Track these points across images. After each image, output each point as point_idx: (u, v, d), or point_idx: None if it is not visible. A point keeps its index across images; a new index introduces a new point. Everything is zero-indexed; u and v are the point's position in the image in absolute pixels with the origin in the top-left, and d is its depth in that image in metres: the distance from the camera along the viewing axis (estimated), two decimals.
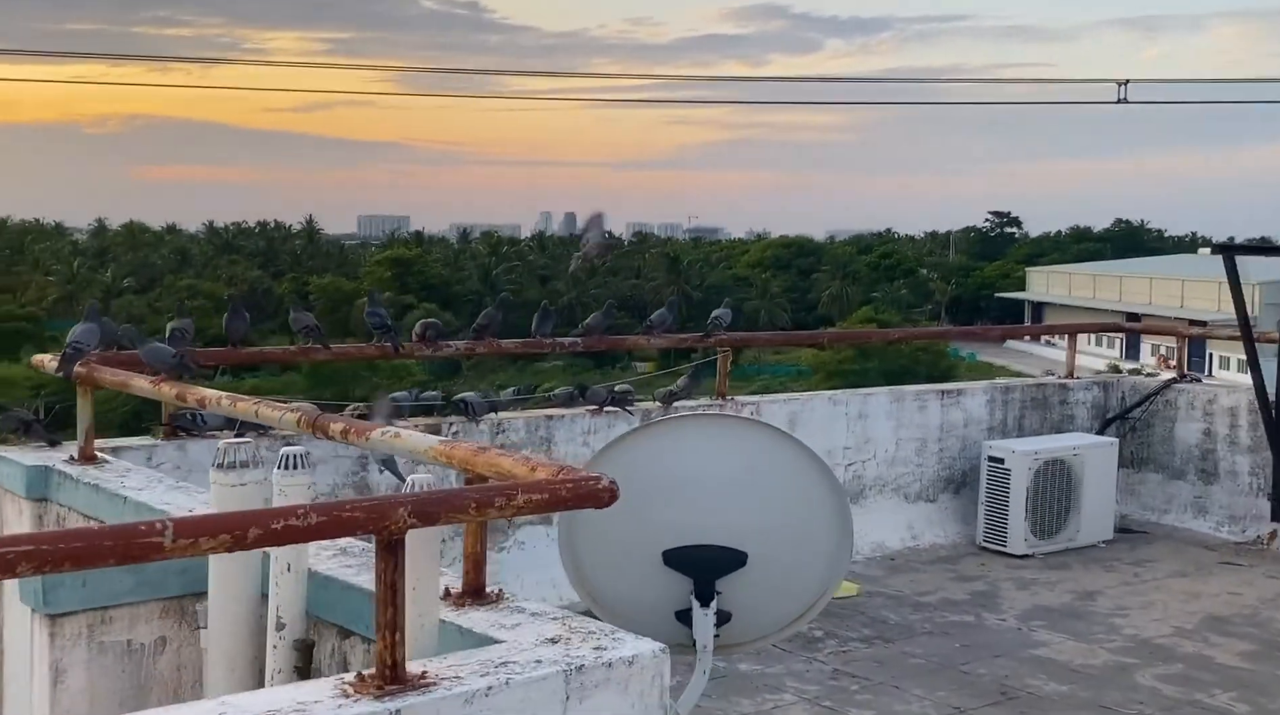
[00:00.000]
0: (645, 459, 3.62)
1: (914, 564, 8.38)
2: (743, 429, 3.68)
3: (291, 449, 3.69)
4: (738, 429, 3.69)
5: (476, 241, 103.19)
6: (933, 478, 8.93)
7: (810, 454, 3.68)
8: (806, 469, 3.63)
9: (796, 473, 3.67)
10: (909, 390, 8.99)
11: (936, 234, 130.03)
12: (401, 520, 2.81)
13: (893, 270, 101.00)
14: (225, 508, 3.81)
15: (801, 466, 3.64)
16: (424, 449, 3.68)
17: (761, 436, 3.67)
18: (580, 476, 3.17)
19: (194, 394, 4.71)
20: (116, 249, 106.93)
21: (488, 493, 2.98)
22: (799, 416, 8.30)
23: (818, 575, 3.73)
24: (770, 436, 3.65)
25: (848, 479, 8.52)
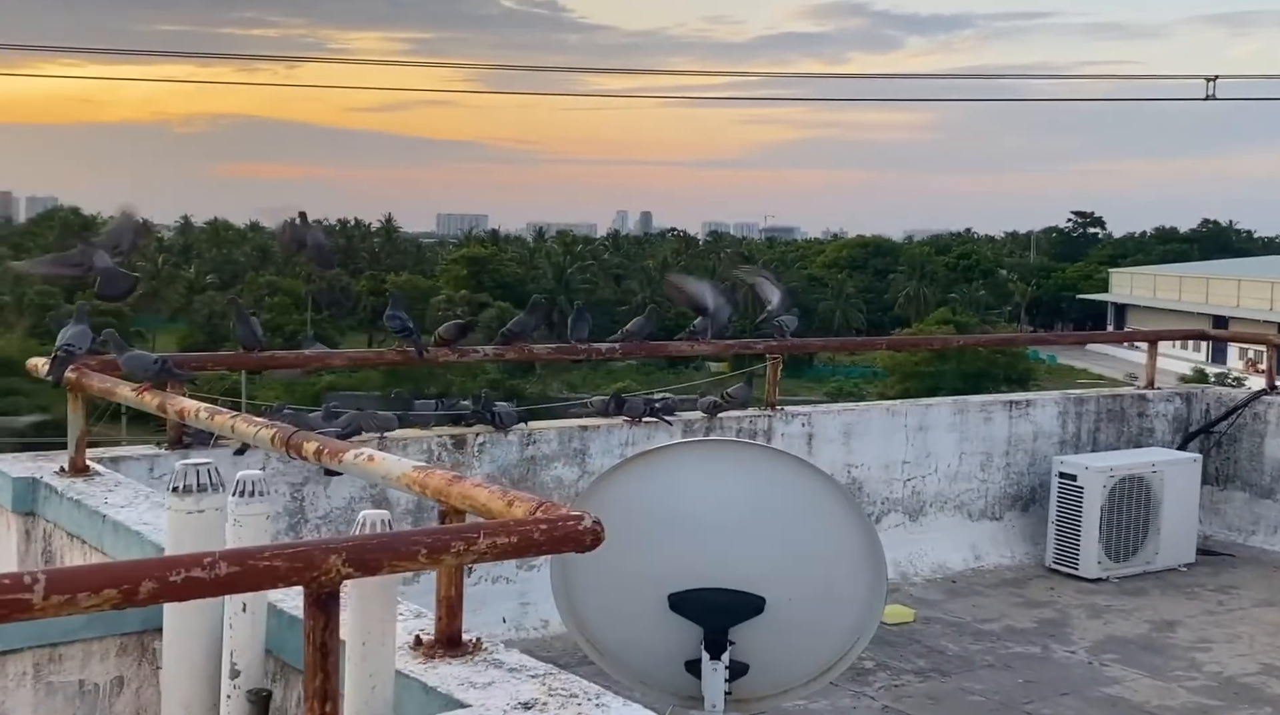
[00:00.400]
0: (647, 490, 3.17)
1: (977, 587, 7.82)
2: (758, 457, 3.23)
3: (248, 474, 3.29)
4: (752, 457, 3.23)
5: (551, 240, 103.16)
6: (999, 494, 8.37)
7: (836, 486, 3.21)
8: (832, 503, 3.16)
9: (820, 508, 3.20)
10: (973, 401, 8.43)
11: (1017, 234, 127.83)
12: (334, 570, 2.39)
13: (971, 271, 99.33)
14: (182, 537, 3.43)
15: (826, 500, 3.17)
16: (397, 475, 3.26)
17: (780, 466, 3.21)
18: (558, 516, 2.73)
19: (174, 405, 4.34)
20: (200, 246, 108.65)
21: (442, 537, 2.55)
22: (854, 428, 7.79)
23: (847, 623, 3.26)
24: (790, 466, 3.19)
25: (906, 495, 8.00)
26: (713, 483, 3.21)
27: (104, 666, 3.63)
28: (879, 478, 7.88)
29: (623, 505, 3.11)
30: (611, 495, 3.17)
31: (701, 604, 3.18)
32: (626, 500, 3.15)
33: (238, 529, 3.23)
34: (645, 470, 3.18)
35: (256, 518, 3.25)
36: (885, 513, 7.91)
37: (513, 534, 2.64)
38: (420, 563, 2.52)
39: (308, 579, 2.38)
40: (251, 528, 3.23)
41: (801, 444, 7.56)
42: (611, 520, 3.03)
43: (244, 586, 2.34)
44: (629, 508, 3.13)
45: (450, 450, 6.41)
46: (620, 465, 3.20)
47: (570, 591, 3.27)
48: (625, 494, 3.16)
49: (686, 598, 3.19)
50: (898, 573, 7.80)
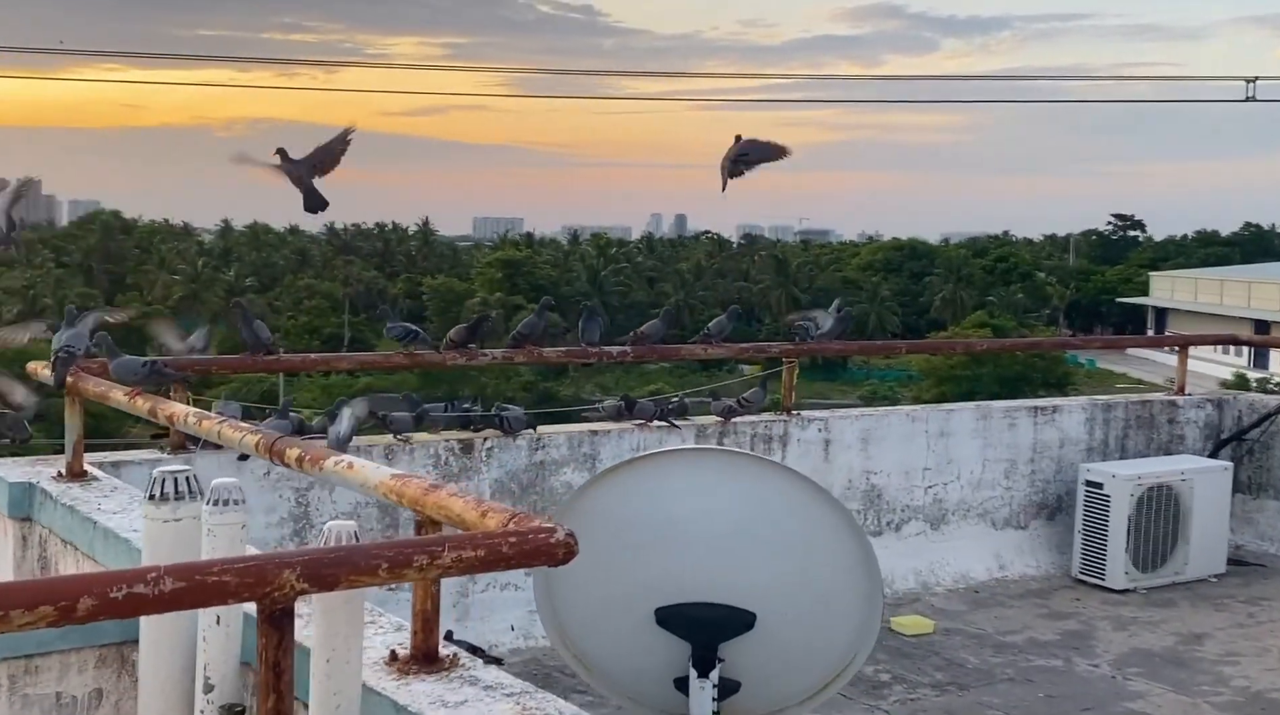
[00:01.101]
0: (631, 500, 3.05)
1: (1000, 597, 7.64)
2: (748, 467, 3.09)
3: (223, 481, 3.19)
4: (742, 467, 3.10)
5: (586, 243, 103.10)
6: (1023, 502, 8.18)
7: (827, 497, 3.08)
8: (825, 515, 3.03)
9: (813, 519, 3.07)
10: (997, 406, 8.25)
11: (1056, 237, 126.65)
12: (288, 586, 2.29)
13: (1009, 274, 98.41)
14: (158, 546, 3.34)
15: (818, 512, 3.04)
16: (375, 483, 3.16)
17: (772, 477, 3.08)
18: (529, 529, 2.62)
19: (164, 409, 4.26)
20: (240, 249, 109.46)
21: (404, 550, 2.44)
22: (873, 434, 7.63)
23: (843, 639, 3.12)
24: (781, 477, 3.05)
25: (927, 502, 7.83)
26: (700, 493, 3.09)
27: (82, 679, 3.54)
28: (899, 485, 7.72)
29: (606, 515, 3.00)
30: (595, 505, 3.06)
31: (689, 619, 3.06)
32: (610, 510, 3.03)
33: (212, 539, 3.14)
34: (630, 480, 3.06)
35: (231, 527, 3.15)
36: (905, 521, 7.76)
37: (480, 547, 2.53)
38: (381, 577, 2.42)
39: (260, 595, 2.28)
40: (226, 537, 3.13)
41: (818, 450, 7.42)
42: (595, 531, 2.93)
43: (191, 603, 2.24)
44: (613, 518, 3.02)
45: (458, 455, 6.31)
46: (603, 474, 3.07)
47: (554, 603, 3.16)
48: (609, 504, 3.04)
49: (674, 612, 3.06)
50: (919, 582, 7.64)
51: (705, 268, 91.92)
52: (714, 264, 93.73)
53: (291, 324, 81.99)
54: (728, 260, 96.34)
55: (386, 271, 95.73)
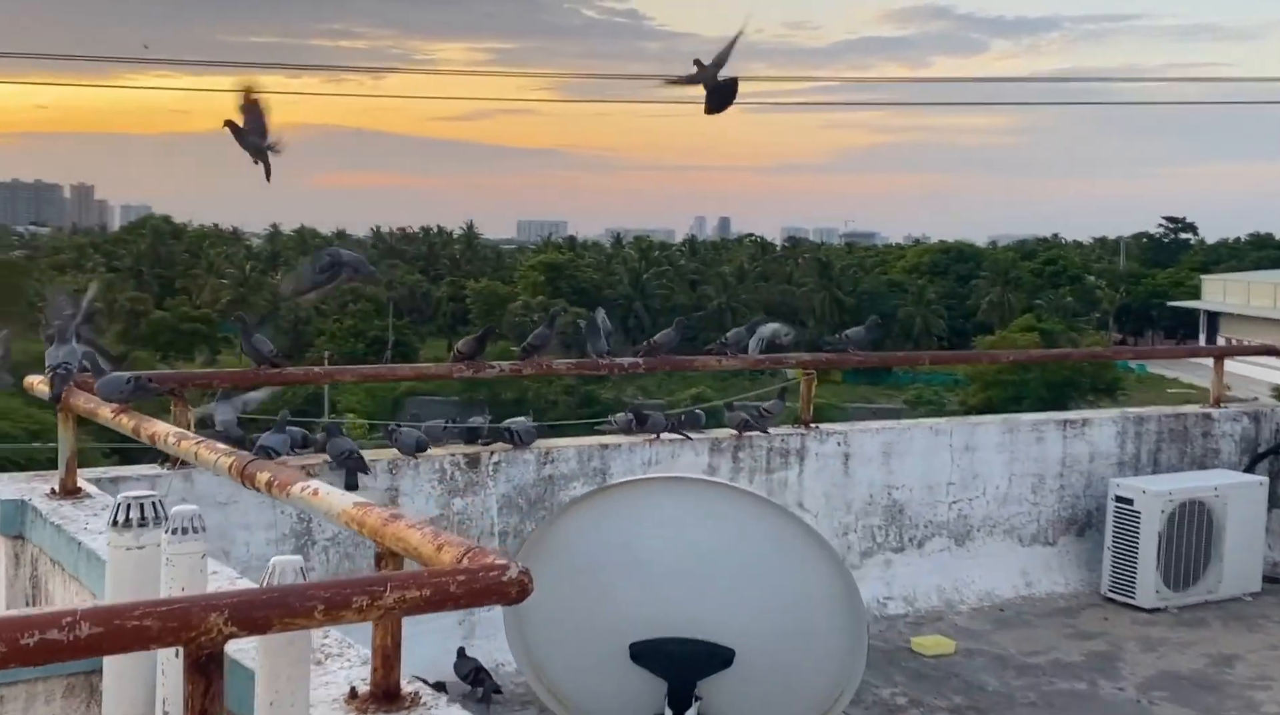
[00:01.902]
0: (603, 532, 2.93)
1: (1026, 616, 7.44)
2: (723, 497, 2.95)
3: (182, 509, 3.09)
4: (716, 497, 2.96)
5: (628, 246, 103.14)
6: (1052, 518, 7.97)
7: (807, 528, 2.94)
8: (804, 547, 2.89)
9: (792, 553, 2.93)
10: (1024, 419, 8.04)
11: (1106, 240, 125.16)
12: (215, 630, 2.18)
13: (1057, 277, 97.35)
14: (121, 575, 3.25)
15: (798, 544, 2.90)
16: (339, 511, 3.05)
17: (748, 508, 2.94)
18: (480, 566, 2.50)
19: (147, 428, 4.18)
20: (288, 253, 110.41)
21: (341, 591, 2.32)
22: (895, 448, 7.45)
23: (827, 677, 2.97)
24: (759, 508, 2.91)
25: (951, 518, 7.64)
26: (673, 524, 2.95)
27: (49, 709, 3.46)
28: (922, 500, 7.54)
29: (577, 547, 2.88)
30: (565, 536, 2.93)
31: (665, 655, 2.92)
32: (581, 542, 2.91)
33: (170, 568, 3.04)
34: (600, 510, 2.93)
35: (190, 557, 3.05)
36: (929, 537, 7.57)
37: (425, 586, 2.41)
38: (317, 620, 2.30)
39: (185, 640, 2.17)
40: (185, 567, 3.03)
41: (838, 464, 7.26)
42: (565, 563, 2.80)
43: (111, 649, 2.13)
44: (583, 550, 2.90)
45: (464, 469, 6.21)
46: (573, 504, 2.94)
47: (525, 637, 3.04)
48: (579, 535, 2.91)
49: (649, 648, 2.93)
50: (942, 600, 7.46)
51: (748, 270, 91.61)
52: (757, 267, 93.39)
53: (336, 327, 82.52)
54: (771, 263, 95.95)
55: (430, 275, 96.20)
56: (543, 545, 2.97)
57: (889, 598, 7.32)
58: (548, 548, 2.95)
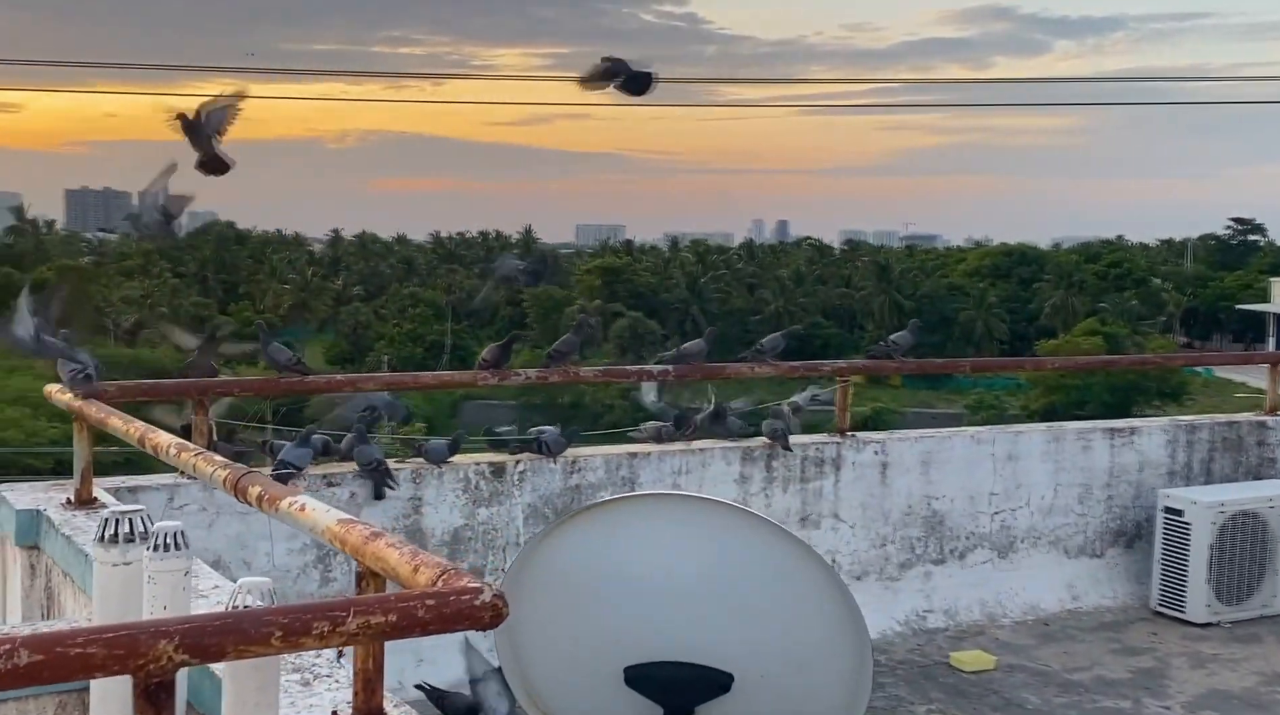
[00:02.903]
0: (595, 550, 2.81)
1: (1071, 630, 7.22)
2: (721, 516, 2.83)
3: (165, 525, 3.01)
4: (714, 515, 2.84)
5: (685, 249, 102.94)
6: (1099, 529, 7.74)
7: (807, 549, 2.80)
8: (805, 570, 2.76)
9: (793, 575, 2.80)
10: (1070, 427, 7.82)
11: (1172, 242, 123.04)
12: (164, 657, 2.09)
13: (1122, 279, 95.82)
14: (108, 593, 3.18)
15: (799, 566, 2.77)
16: (323, 527, 2.96)
17: (747, 527, 2.81)
18: (451, 590, 2.39)
19: (151, 439, 4.12)
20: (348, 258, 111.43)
21: (301, 617, 2.22)
22: (934, 457, 7.27)
23: (831, 703, 2.84)
24: (758, 527, 2.78)
25: (994, 529, 7.44)
26: (669, 543, 2.83)
27: None
28: (963, 511, 7.35)
29: (568, 566, 2.77)
30: (556, 555, 2.83)
31: (661, 679, 2.81)
32: (572, 560, 2.80)
33: (152, 586, 2.96)
34: (593, 527, 2.81)
35: (174, 574, 2.97)
36: (970, 548, 7.38)
37: (391, 611, 2.30)
38: (274, 647, 2.20)
39: (132, 668, 2.08)
40: (167, 585, 2.95)
41: (874, 473, 7.09)
42: (556, 583, 2.69)
43: (52, 678, 2.04)
44: (574, 569, 2.78)
45: (489, 478, 6.12)
46: (564, 521, 2.84)
47: (518, 658, 2.93)
48: (571, 554, 2.80)
49: (644, 672, 2.82)
50: (984, 614, 7.27)
51: (806, 274, 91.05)
52: (815, 270, 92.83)
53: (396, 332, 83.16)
54: (829, 266, 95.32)
55: None
56: (531, 564, 2.86)
57: (928, 611, 7.14)
58: (537, 567, 2.84)
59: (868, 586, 7.05)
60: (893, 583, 7.13)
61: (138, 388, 5.51)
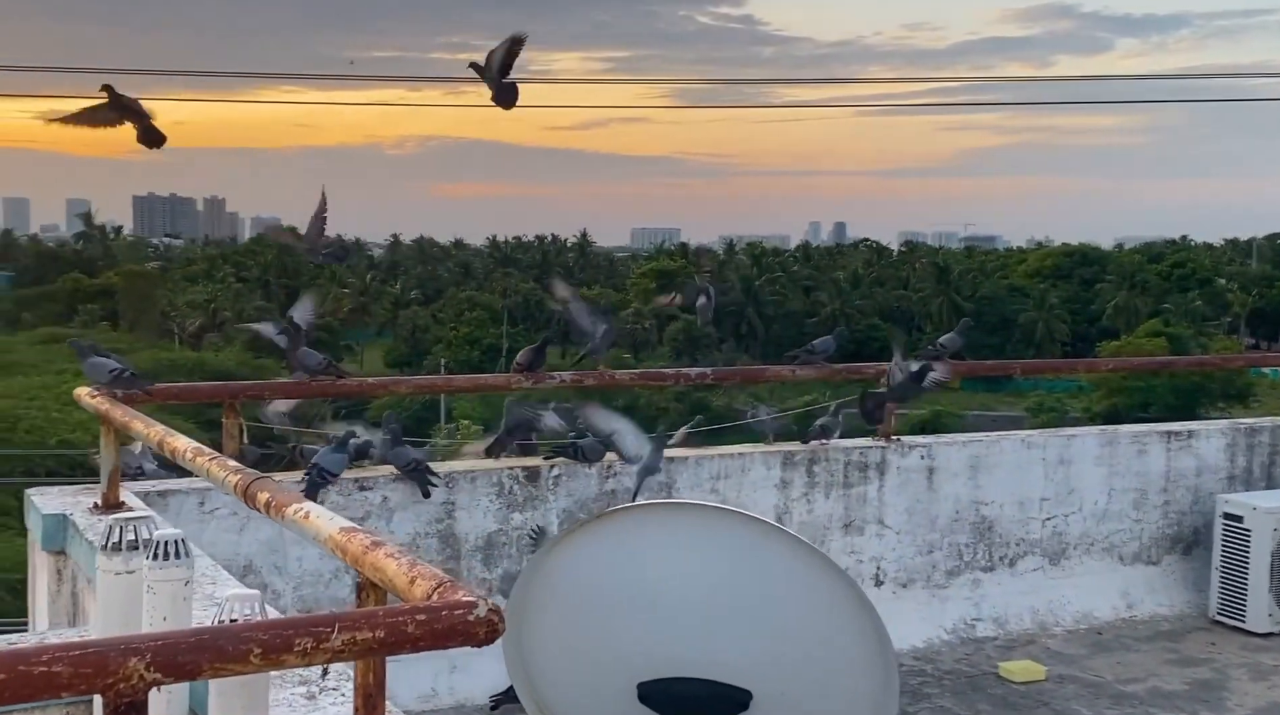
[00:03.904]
0: (607, 561, 2.69)
1: (1126, 640, 6.99)
2: (738, 526, 2.69)
3: (166, 533, 2.93)
4: (730, 526, 2.70)
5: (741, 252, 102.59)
6: (1155, 536, 7.50)
7: (828, 562, 2.66)
8: (827, 584, 2.62)
9: (814, 589, 2.66)
10: (1124, 431, 7.58)
11: (1237, 241, 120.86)
12: (135, 676, 1.99)
13: (1186, 280, 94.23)
14: (110, 602, 3.11)
15: (820, 581, 2.63)
16: (325, 536, 2.86)
17: (765, 539, 2.67)
18: (443, 605, 2.27)
19: (170, 442, 4.05)
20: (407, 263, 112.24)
21: (282, 633, 2.12)
22: (983, 461, 7.07)
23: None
24: (776, 539, 2.64)
25: (1045, 536, 7.22)
26: (683, 554, 2.71)
27: None
28: (1013, 517, 7.14)
29: (578, 577, 2.65)
30: (565, 566, 2.71)
31: (676, 696, 2.68)
32: (583, 572, 2.68)
33: (152, 596, 2.88)
34: (604, 537, 2.69)
35: (174, 584, 2.89)
36: (1021, 555, 7.17)
37: (378, 627, 2.19)
38: (254, 665, 2.10)
39: (101, 688, 1.98)
40: (167, 595, 2.87)
41: (921, 478, 6.91)
42: (566, 594, 2.58)
43: (15, 698, 1.95)
44: (586, 581, 2.66)
45: (523, 483, 6.01)
46: (573, 530, 2.72)
47: (529, 671, 2.82)
48: (581, 565, 2.69)
49: (658, 689, 2.69)
50: (1035, 623, 7.05)
51: (863, 276, 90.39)
52: (872, 272, 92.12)
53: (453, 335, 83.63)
54: (886, 268, 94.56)
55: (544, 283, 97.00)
56: (541, 575, 2.75)
57: (977, 619, 6.95)
58: (546, 578, 2.72)
59: (914, 594, 6.88)
60: (940, 590, 6.95)
61: (169, 391, 5.47)
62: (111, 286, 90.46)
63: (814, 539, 6.65)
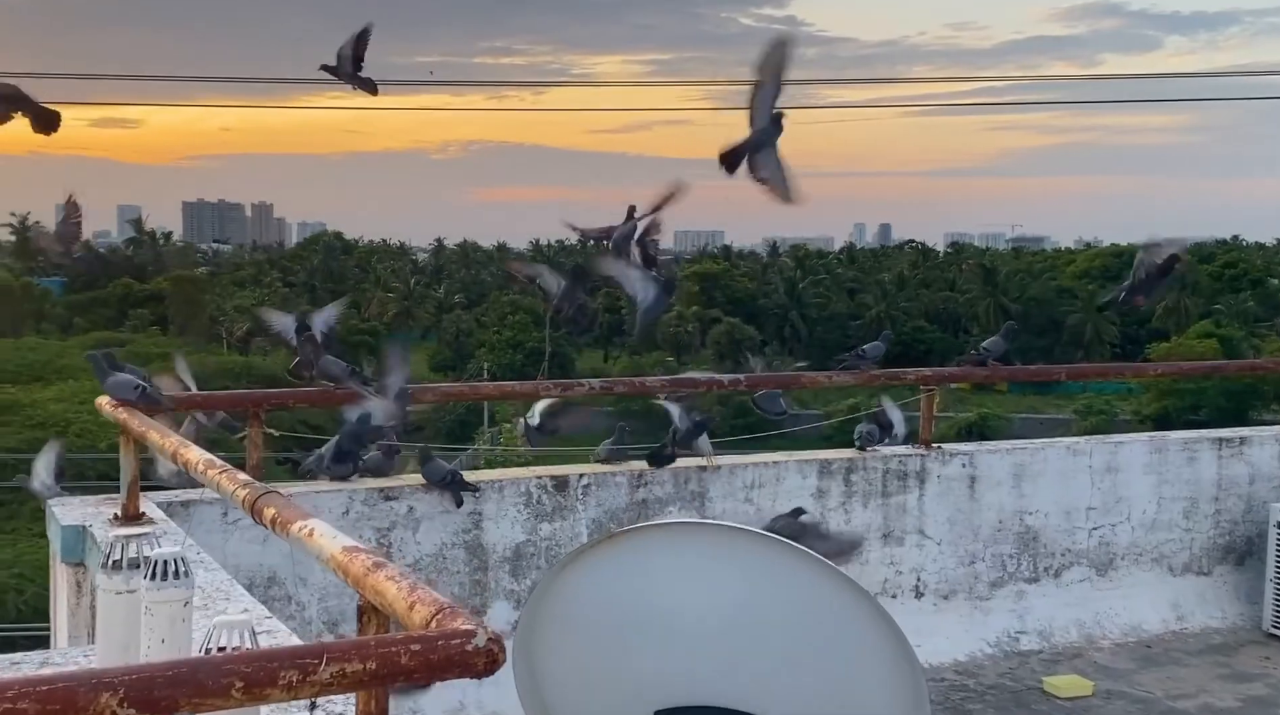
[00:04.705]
0: (619, 583, 2.56)
1: (1176, 654, 6.77)
2: (757, 547, 2.56)
3: (163, 551, 2.83)
4: (749, 547, 2.56)
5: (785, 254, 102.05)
6: (1206, 545, 7.27)
7: (852, 584, 2.51)
8: (852, 608, 2.48)
9: (838, 614, 2.51)
10: (1174, 438, 7.35)
11: None
12: (108, 712, 1.87)
13: (1238, 280, 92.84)
14: (110, 624, 3.01)
15: (844, 604, 2.49)
16: (328, 555, 2.74)
17: (786, 560, 2.53)
18: (439, 634, 2.14)
19: (184, 454, 3.96)
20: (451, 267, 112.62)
21: (266, 665, 1.99)
22: (1027, 470, 6.87)
23: None
24: (798, 561, 2.50)
25: (1092, 546, 7.01)
26: (699, 576, 2.57)
27: None
28: (1058, 526, 6.94)
29: (590, 600, 2.51)
30: (576, 587, 2.57)
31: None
32: (594, 594, 2.55)
33: (149, 618, 2.77)
34: (616, 558, 2.56)
35: (172, 605, 2.78)
36: (1066, 566, 6.96)
37: (370, 659, 2.06)
38: (235, 700, 1.98)
39: None
40: (164, 617, 2.76)
41: (962, 487, 6.72)
42: (576, 617, 2.45)
43: None
44: (597, 603, 2.52)
45: (551, 492, 5.89)
46: (584, 550, 2.59)
47: (540, 697, 2.69)
48: (593, 586, 2.56)
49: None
50: (1081, 635, 6.85)
51: (908, 278, 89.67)
52: (917, 274, 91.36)
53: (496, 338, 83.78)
54: (932, 270, 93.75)
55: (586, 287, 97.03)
56: (550, 597, 2.61)
57: (1021, 632, 6.75)
58: (556, 600, 2.59)
59: (956, 606, 6.69)
60: (983, 602, 6.76)
61: (191, 400, 5.39)
62: (161, 291, 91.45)
63: None
